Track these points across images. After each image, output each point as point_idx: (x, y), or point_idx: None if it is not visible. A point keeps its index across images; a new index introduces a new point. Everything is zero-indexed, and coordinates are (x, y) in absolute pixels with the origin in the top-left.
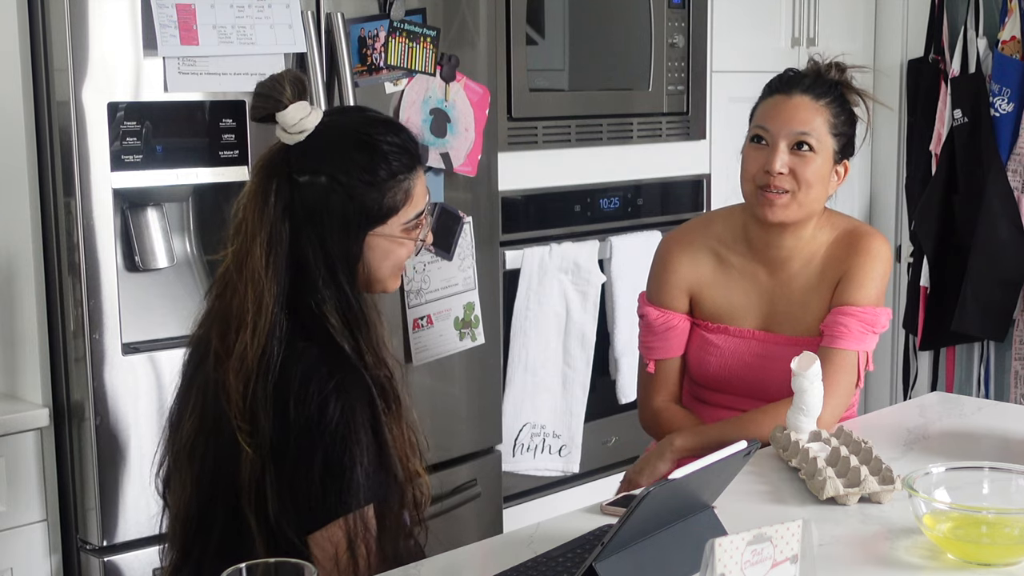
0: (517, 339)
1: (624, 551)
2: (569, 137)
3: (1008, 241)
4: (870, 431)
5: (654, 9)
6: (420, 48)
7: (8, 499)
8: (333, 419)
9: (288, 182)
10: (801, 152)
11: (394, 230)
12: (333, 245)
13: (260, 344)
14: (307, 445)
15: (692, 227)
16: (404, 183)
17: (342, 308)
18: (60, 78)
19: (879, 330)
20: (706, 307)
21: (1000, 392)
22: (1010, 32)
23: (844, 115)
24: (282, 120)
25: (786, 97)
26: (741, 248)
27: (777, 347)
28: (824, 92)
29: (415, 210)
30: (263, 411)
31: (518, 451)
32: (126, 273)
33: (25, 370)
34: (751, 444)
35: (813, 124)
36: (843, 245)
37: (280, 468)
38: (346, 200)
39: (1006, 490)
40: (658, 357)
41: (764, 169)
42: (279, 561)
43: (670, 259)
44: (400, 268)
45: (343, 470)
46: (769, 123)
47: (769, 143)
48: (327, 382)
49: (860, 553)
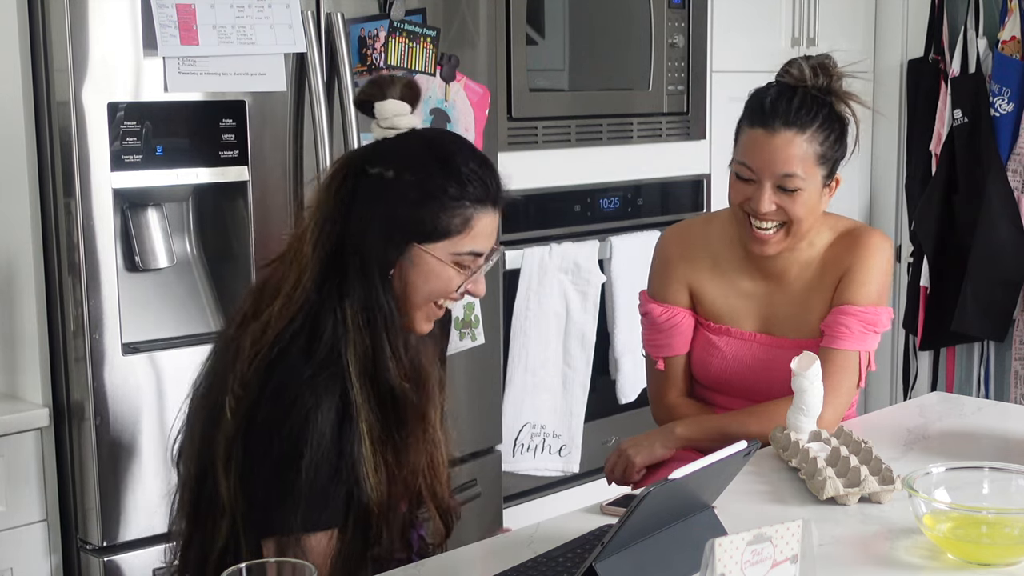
0: (517, 339)
1: (624, 551)
2: (569, 137)
3: (1008, 241)
4: (870, 431)
5: (654, 9)
6: (420, 48)
7: (8, 499)
8: (294, 420)
9: (358, 172)
10: (788, 192)
11: (442, 254)
12: (374, 240)
13: (287, 317)
14: (265, 437)
15: (690, 226)
16: (467, 211)
17: (368, 305)
18: (60, 78)
19: (880, 330)
20: (706, 305)
21: (1000, 392)
22: (1010, 32)
23: (833, 135)
24: (379, 110)
25: (769, 134)
26: (739, 254)
27: (779, 350)
28: (810, 118)
29: (472, 245)
30: (255, 382)
31: (518, 451)
32: (126, 273)
33: (25, 370)
34: (751, 444)
35: (798, 162)
36: (843, 245)
37: (244, 446)
38: (403, 202)
39: (1006, 490)
40: (666, 355)
41: (751, 205)
42: (279, 561)
43: (669, 255)
44: (434, 305)
45: (288, 482)
46: (752, 162)
47: (754, 181)
48: (300, 378)
49: (860, 553)
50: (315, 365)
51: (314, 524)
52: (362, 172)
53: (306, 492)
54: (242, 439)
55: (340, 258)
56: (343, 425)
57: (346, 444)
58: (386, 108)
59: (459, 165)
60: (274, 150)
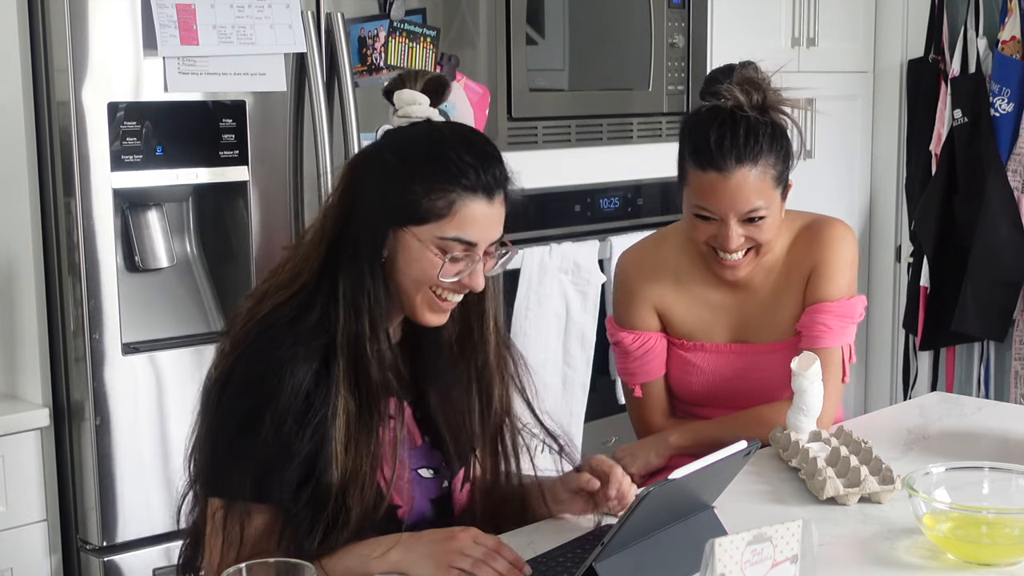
0: (517, 339)
1: (624, 551)
2: (569, 137)
3: (1008, 241)
4: (870, 431)
5: (654, 9)
6: (420, 48)
7: (8, 499)
8: (264, 386)
9: (366, 158)
10: (754, 223)
11: (426, 237)
12: (366, 222)
13: (286, 294)
14: (234, 398)
15: (643, 247)
16: (451, 195)
17: (357, 288)
18: (60, 78)
19: (857, 320)
20: (676, 325)
21: (1000, 392)
22: (1010, 32)
23: (783, 151)
24: (396, 99)
25: (723, 176)
26: (700, 271)
27: (756, 357)
28: (759, 148)
29: (456, 231)
30: (238, 347)
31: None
32: (126, 273)
33: (25, 370)
34: (751, 444)
35: (760, 195)
36: (805, 241)
37: (215, 403)
38: (394, 184)
39: (1006, 490)
40: (643, 381)
41: (718, 242)
42: (279, 561)
43: (630, 280)
44: (433, 294)
45: (246, 445)
46: (713, 205)
47: (717, 219)
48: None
49: (860, 553)
50: (298, 336)
51: (262, 495)
52: (369, 159)
53: (261, 459)
54: (215, 397)
55: (342, 240)
56: (315, 399)
57: (316, 418)
58: (402, 97)
59: (449, 151)
60: (274, 150)
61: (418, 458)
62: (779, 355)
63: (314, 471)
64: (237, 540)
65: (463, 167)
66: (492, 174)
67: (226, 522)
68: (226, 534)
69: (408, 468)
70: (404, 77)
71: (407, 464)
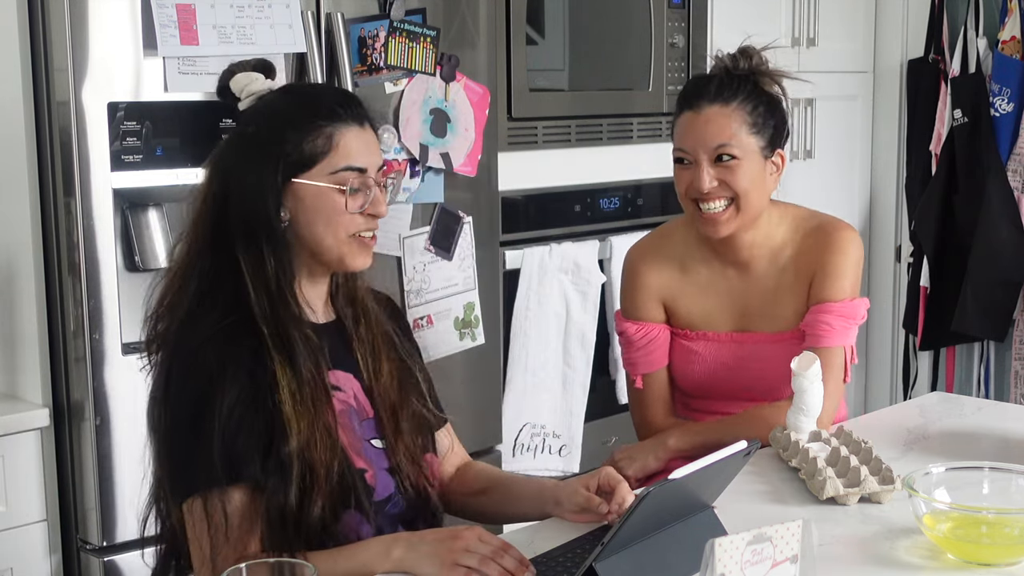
0: (517, 339)
1: (624, 551)
2: (569, 137)
3: (1008, 241)
4: (870, 431)
5: (654, 9)
6: (420, 48)
7: (8, 499)
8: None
9: (227, 142)
10: (725, 163)
11: (320, 179)
12: (252, 191)
13: (189, 289)
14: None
15: (651, 240)
16: (327, 129)
17: (259, 257)
18: (60, 78)
19: (859, 322)
20: (681, 316)
21: (1000, 392)
22: (1010, 32)
23: (762, 107)
24: (233, 85)
25: (695, 113)
26: (705, 254)
27: (757, 346)
28: (733, 93)
29: (345, 161)
30: (165, 350)
31: (518, 451)
32: (126, 273)
33: (25, 370)
34: (751, 444)
35: (728, 132)
36: (812, 241)
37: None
38: (266, 144)
39: (1006, 490)
40: (644, 371)
41: (694, 186)
42: (279, 561)
43: (637, 271)
44: (342, 230)
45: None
46: (685, 143)
47: (691, 162)
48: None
49: (860, 553)
50: (217, 320)
51: (235, 476)
52: (229, 141)
53: (221, 444)
54: (159, 406)
55: (226, 225)
56: (257, 372)
57: (263, 390)
58: (238, 81)
59: (309, 95)
60: None
61: (370, 429)
62: (779, 346)
63: (274, 441)
64: (223, 525)
65: (327, 103)
66: (353, 105)
67: (208, 512)
68: (211, 523)
69: (361, 438)
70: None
71: (359, 435)
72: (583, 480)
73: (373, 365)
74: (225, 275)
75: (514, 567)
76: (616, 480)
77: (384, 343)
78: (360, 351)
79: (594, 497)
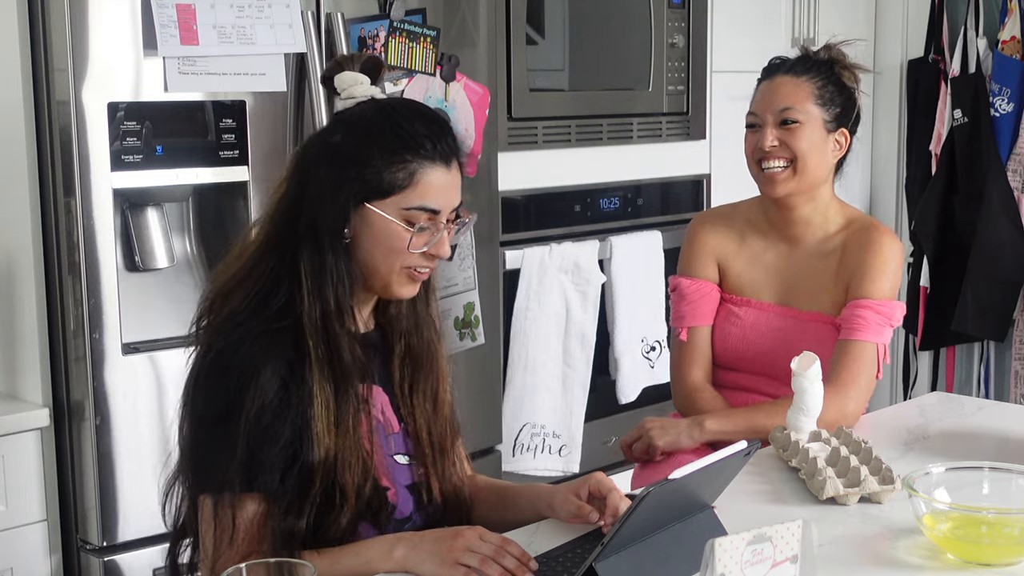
0: (517, 339)
1: (624, 551)
2: (569, 137)
3: (1008, 241)
4: (870, 431)
5: (654, 9)
6: (420, 48)
7: (8, 499)
8: (236, 374)
9: (314, 143)
10: (788, 126)
11: (391, 211)
12: (324, 204)
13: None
14: (208, 391)
15: (719, 208)
16: (411, 165)
17: (320, 269)
18: (60, 78)
19: (895, 323)
20: (731, 280)
21: (1000, 392)
22: (1010, 32)
23: (831, 86)
24: (337, 82)
25: (769, 82)
26: (762, 227)
27: (792, 321)
28: (806, 69)
29: (420, 200)
30: (206, 339)
31: (518, 451)
32: (126, 273)
33: (25, 370)
34: (751, 444)
35: (795, 98)
36: (859, 239)
37: (191, 400)
38: (349, 163)
39: (1006, 490)
40: (690, 324)
41: (758, 147)
42: (279, 561)
43: (698, 233)
44: (400, 264)
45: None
46: (756, 108)
47: (760, 125)
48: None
49: (860, 553)
50: (266, 322)
51: (250, 484)
52: (316, 142)
53: (243, 449)
54: (192, 394)
55: (296, 225)
56: (291, 384)
57: (294, 402)
58: (343, 79)
59: (401, 122)
60: (274, 150)
61: (394, 444)
62: (814, 325)
63: (298, 455)
64: (229, 530)
65: (419, 137)
66: (446, 142)
67: (217, 514)
68: (218, 525)
69: (385, 454)
70: (340, 61)
71: (384, 451)
72: (573, 488)
73: (411, 378)
74: (284, 280)
75: (515, 567)
76: (607, 488)
77: (427, 359)
78: (398, 365)
79: (585, 506)
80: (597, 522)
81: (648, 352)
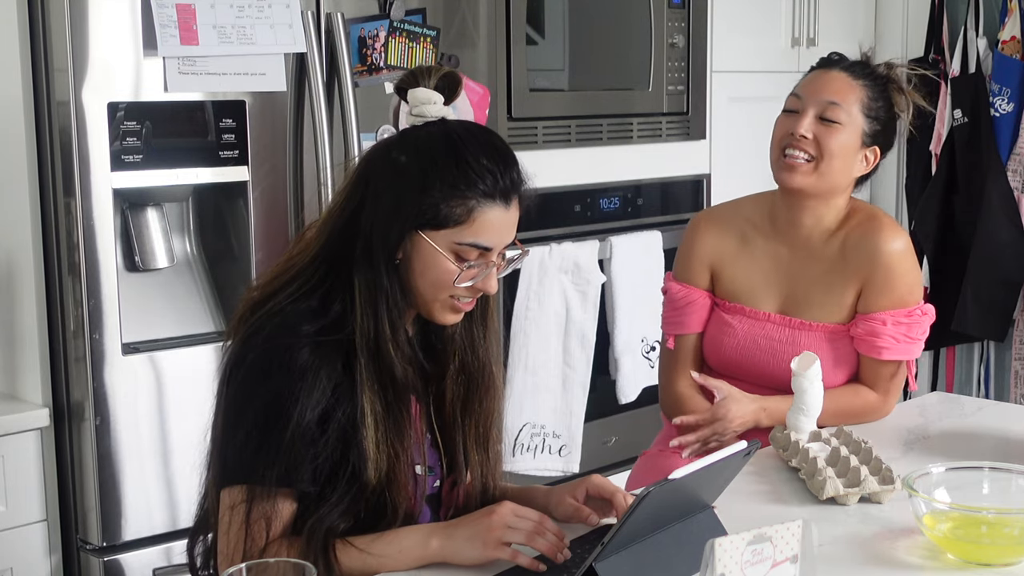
0: (517, 339)
1: (624, 551)
2: (569, 137)
3: (1008, 241)
4: (870, 431)
5: (654, 9)
6: (420, 48)
7: (8, 499)
8: (286, 373)
9: (379, 156)
10: (827, 124)
11: (443, 243)
12: (380, 223)
13: (300, 283)
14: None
15: (722, 206)
16: (470, 202)
17: (372, 287)
18: (60, 78)
19: (923, 337)
20: (726, 285)
21: (1000, 392)
22: (1010, 32)
23: (882, 102)
24: (410, 97)
25: (825, 71)
26: (766, 228)
27: (792, 331)
28: (864, 75)
29: (474, 237)
30: (253, 333)
31: (518, 451)
32: (126, 273)
33: (25, 370)
34: (751, 444)
35: (845, 97)
36: (863, 232)
37: (233, 388)
38: (409, 187)
39: (1006, 490)
40: (677, 332)
41: (790, 132)
42: (279, 561)
43: (696, 233)
44: (444, 293)
45: (271, 434)
46: (802, 91)
47: (799, 111)
48: (297, 333)
49: (860, 553)
50: (320, 329)
51: (286, 483)
52: (382, 156)
53: (286, 449)
54: (229, 389)
55: (352, 237)
56: (340, 396)
57: (344, 412)
58: (416, 96)
59: (467, 156)
60: (274, 150)
61: (416, 454)
62: (814, 336)
63: (340, 467)
64: (263, 528)
65: (482, 172)
66: (510, 178)
67: (250, 510)
68: (250, 522)
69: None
70: (416, 74)
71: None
72: (570, 490)
73: (464, 397)
74: (337, 291)
75: (556, 543)
76: (610, 490)
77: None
78: (450, 384)
79: (583, 508)
80: (598, 523)
81: (648, 352)
